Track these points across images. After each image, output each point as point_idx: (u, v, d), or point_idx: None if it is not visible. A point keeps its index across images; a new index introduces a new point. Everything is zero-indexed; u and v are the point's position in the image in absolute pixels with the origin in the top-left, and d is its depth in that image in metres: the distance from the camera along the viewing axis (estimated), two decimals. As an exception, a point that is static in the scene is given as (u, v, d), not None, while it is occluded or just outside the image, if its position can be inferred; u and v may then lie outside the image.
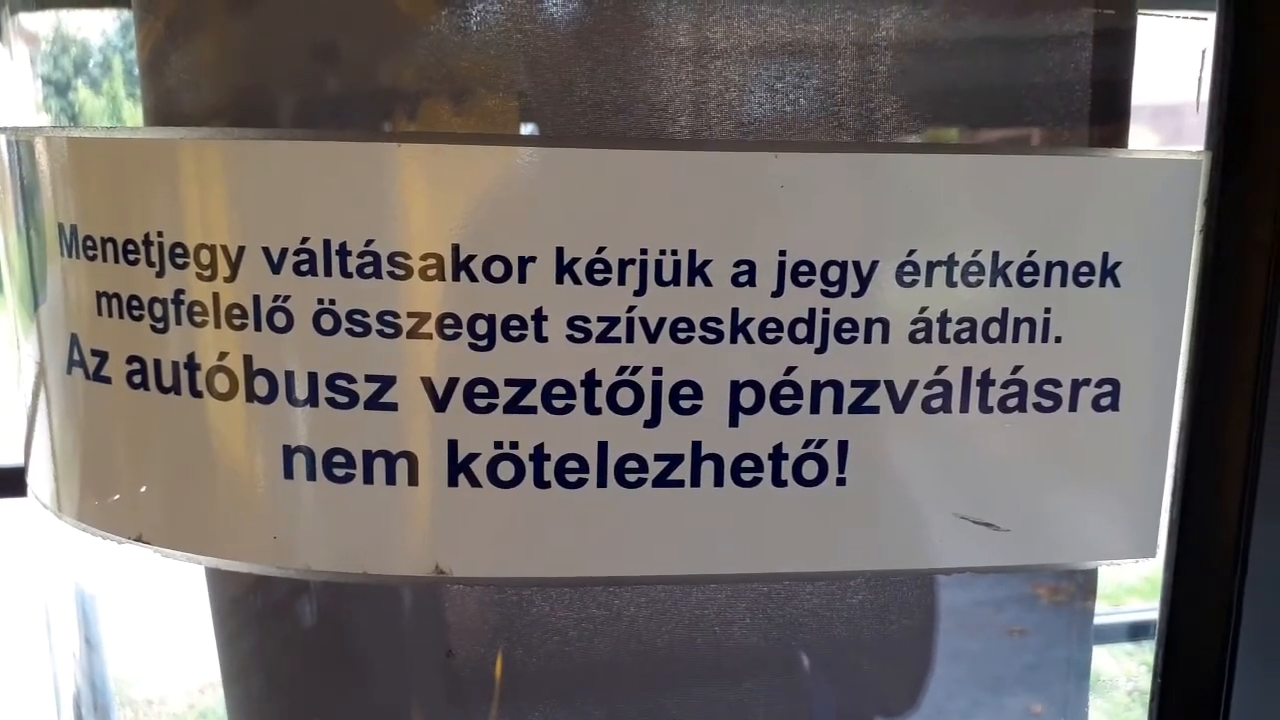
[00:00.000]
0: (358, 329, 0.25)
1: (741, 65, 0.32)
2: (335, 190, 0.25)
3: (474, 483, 0.26)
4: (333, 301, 0.25)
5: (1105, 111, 0.32)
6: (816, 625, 0.32)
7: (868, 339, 0.26)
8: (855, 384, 0.26)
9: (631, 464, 0.26)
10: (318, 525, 0.26)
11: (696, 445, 0.26)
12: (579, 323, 0.26)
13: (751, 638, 0.32)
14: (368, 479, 0.26)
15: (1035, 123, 0.32)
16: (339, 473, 0.26)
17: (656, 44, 0.31)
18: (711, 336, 0.26)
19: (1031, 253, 0.27)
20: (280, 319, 0.25)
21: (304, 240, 0.25)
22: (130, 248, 0.27)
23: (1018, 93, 0.31)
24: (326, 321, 0.25)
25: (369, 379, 0.25)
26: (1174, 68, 0.32)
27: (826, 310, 0.26)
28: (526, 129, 0.31)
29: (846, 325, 0.26)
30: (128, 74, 0.35)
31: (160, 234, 0.26)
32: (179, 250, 0.26)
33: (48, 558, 0.36)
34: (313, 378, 0.26)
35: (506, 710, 0.32)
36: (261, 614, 0.33)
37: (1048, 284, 0.27)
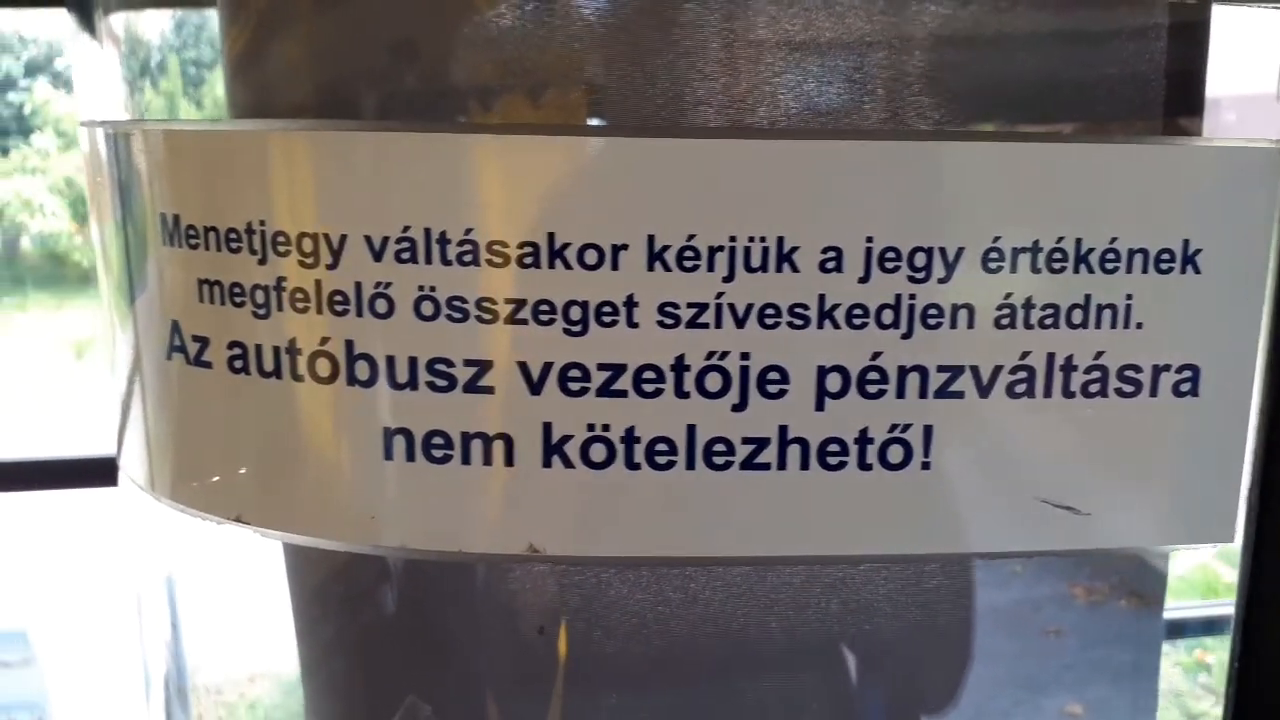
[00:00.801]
0: (457, 315, 0.26)
1: (820, 56, 0.32)
2: (436, 180, 0.26)
3: (567, 464, 0.26)
4: (433, 288, 0.26)
5: (1180, 103, 0.32)
6: (892, 610, 0.32)
7: (953, 324, 0.27)
8: (941, 369, 0.27)
9: (719, 447, 0.27)
10: (415, 505, 0.27)
11: (783, 429, 0.27)
12: (669, 309, 0.26)
13: (826, 622, 0.32)
14: (465, 460, 0.26)
15: (1111, 114, 0.32)
16: (437, 454, 0.27)
17: (737, 36, 0.32)
18: (799, 322, 0.26)
19: (1113, 240, 0.27)
20: (381, 305, 0.26)
21: (405, 229, 0.26)
22: (232, 236, 0.28)
23: (1094, 84, 0.32)
24: (427, 308, 0.26)
25: (467, 363, 0.26)
26: (1252, 58, 0.32)
27: (913, 296, 0.26)
28: (611, 121, 0.32)
29: (932, 311, 0.26)
30: (218, 70, 0.36)
31: (262, 223, 0.27)
32: (281, 238, 0.27)
33: (139, 542, 0.37)
34: (413, 362, 0.26)
35: (584, 691, 0.33)
36: (348, 600, 0.34)
37: (1129, 271, 0.27)
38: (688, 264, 0.26)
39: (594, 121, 0.31)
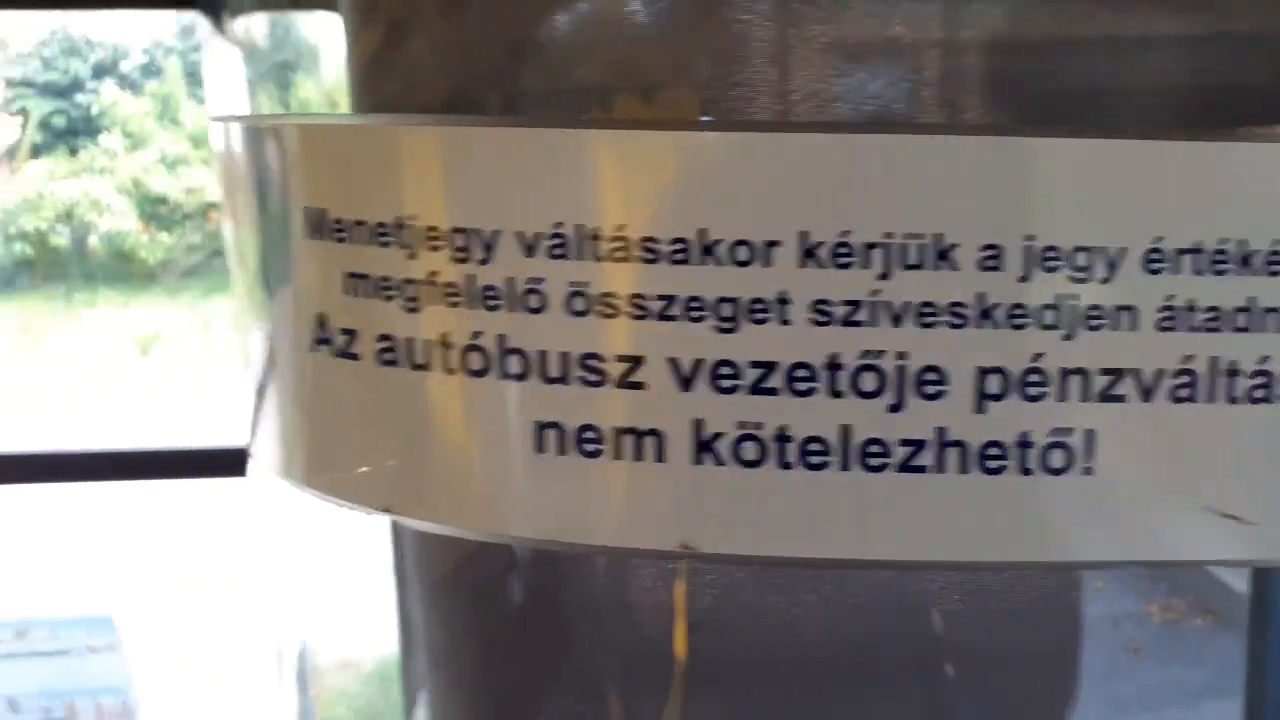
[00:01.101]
0: (609, 310, 0.26)
1: (957, 57, 0.32)
2: (589, 177, 0.26)
3: (719, 461, 0.26)
4: (585, 284, 0.26)
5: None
6: (1034, 619, 0.31)
7: (1115, 327, 0.26)
8: (1104, 372, 0.26)
9: (875, 448, 0.26)
10: (567, 499, 0.27)
11: (941, 431, 0.26)
12: (822, 306, 0.26)
13: (967, 631, 0.32)
14: (617, 455, 0.26)
15: (1261, 119, 0.31)
16: (589, 448, 0.26)
17: (874, 32, 0.32)
18: (957, 321, 0.26)
19: (1277, 242, 0.26)
20: (534, 301, 0.26)
21: (557, 225, 0.26)
22: (381, 230, 0.28)
23: (1249, 86, 0.31)
24: (579, 303, 0.26)
25: (619, 359, 0.26)
26: None
27: (1075, 296, 0.26)
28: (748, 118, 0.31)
29: (1094, 312, 0.26)
30: (344, 71, 0.37)
31: (414, 217, 0.27)
32: (433, 233, 0.27)
33: (269, 531, 0.38)
34: (564, 357, 0.26)
35: (713, 693, 0.33)
36: (475, 596, 0.34)
37: (1295, 273, 0.26)
38: (841, 261, 0.26)
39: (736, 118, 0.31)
